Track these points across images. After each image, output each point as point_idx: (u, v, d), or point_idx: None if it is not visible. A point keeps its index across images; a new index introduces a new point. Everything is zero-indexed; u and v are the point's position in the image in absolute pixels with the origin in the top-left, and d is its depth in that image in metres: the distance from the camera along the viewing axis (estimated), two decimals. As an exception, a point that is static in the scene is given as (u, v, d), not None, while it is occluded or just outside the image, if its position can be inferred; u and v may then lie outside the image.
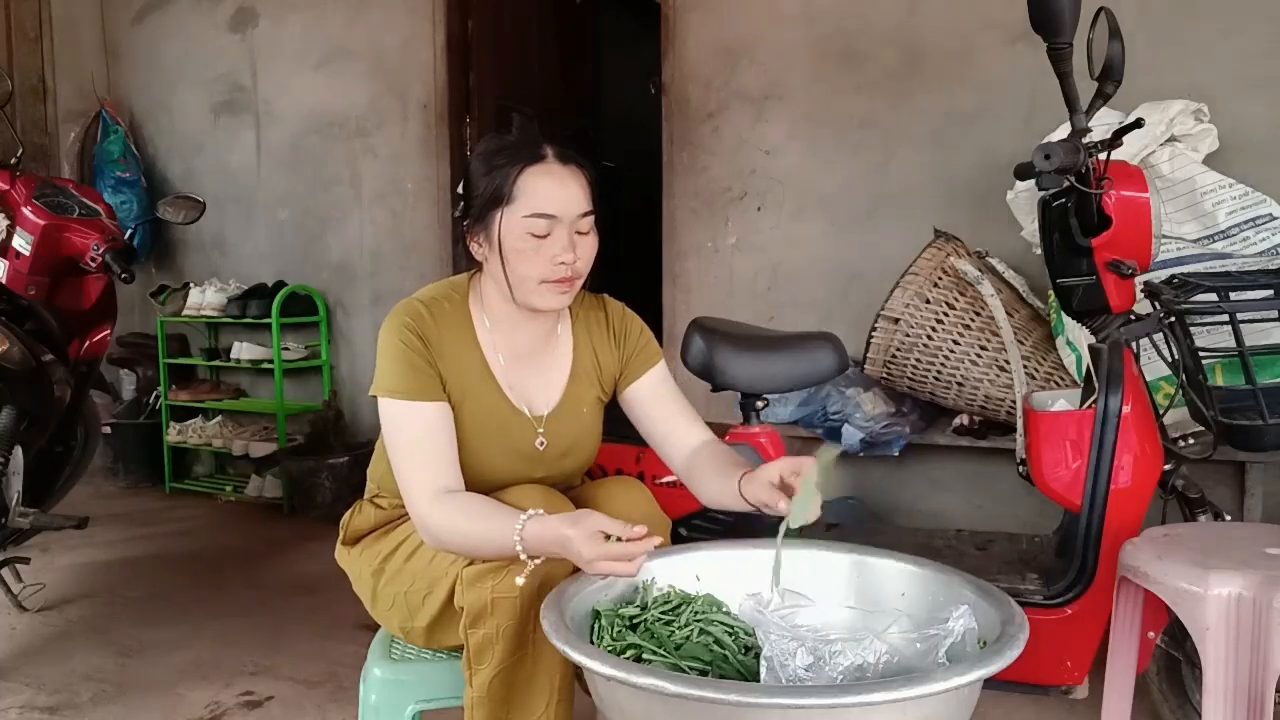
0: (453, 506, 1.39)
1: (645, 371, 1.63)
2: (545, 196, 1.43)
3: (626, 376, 1.63)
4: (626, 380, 1.63)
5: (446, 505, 1.39)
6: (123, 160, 4.58)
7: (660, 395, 1.62)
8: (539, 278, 1.45)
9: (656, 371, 1.64)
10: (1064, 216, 1.84)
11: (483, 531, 1.35)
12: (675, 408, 1.62)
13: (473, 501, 1.40)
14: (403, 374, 1.45)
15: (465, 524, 1.37)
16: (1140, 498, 1.81)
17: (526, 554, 1.32)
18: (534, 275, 1.45)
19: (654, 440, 1.63)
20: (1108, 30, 1.80)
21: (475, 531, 1.36)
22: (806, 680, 1.16)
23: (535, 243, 1.43)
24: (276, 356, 4.07)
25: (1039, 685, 1.89)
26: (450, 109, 3.97)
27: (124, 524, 3.84)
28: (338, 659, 2.49)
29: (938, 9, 3.13)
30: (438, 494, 1.40)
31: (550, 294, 1.47)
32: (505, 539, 1.32)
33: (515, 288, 1.47)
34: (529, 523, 1.31)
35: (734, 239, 3.52)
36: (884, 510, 3.20)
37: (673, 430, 1.60)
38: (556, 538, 1.28)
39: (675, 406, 1.62)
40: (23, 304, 2.63)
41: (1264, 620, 1.37)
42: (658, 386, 1.63)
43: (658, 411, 1.61)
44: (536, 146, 1.46)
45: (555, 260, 1.44)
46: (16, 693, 2.34)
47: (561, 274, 1.45)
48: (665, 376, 1.65)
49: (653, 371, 1.63)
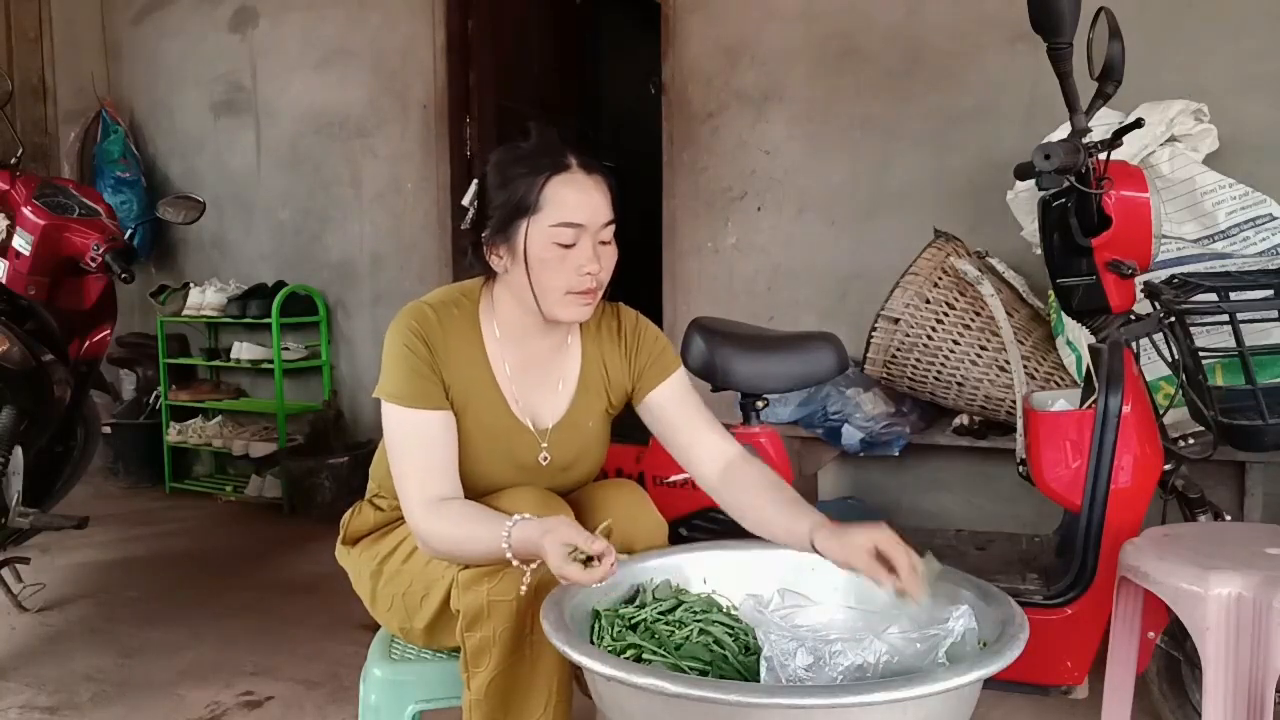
0: (444, 514, 1.38)
1: (662, 380, 1.58)
2: (572, 205, 1.41)
3: (642, 386, 1.58)
4: (643, 390, 1.58)
5: (438, 513, 1.39)
6: (123, 160, 4.58)
7: (679, 404, 1.58)
8: (564, 288, 1.43)
9: (674, 380, 1.59)
10: (1064, 216, 1.84)
11: (471, 537, 1.35)
12: (697, 417, 1.57)
13: (463, 508, 1.39)
14: (405, 380, 1.45)
15: (454, 530, 1.37)
16: (1140, 498, 1.81)
17: (515, 558, 1.31)
18: (559, 286, 1.42)
19: (676, 451, 1.58)
20: (1108, 30, 1.80)
21: (465, 537, 1.36)
22: (806, 680, 1.16)
23: (561, 253, 1.41)
24: (276, 356, 4.07)
25: (1039, 685, 1.89)
26: (450, 109, 3.97)
27: (124, 524, 3.84)
28: (338, 659, 2.49)
29: (938, 9, 3.13)
30: (432, 502, 1.40)
31: (574, 305, 1.45)
32: (494, 544, 1.31)
33: (541, 299, 1.44)
34: (515, 528, 1.30)
35: (734, 239, 3.52)
36: (884, 510, 3.20)
37: (696, 441, 1.55)
38: (534, 543, 1.27)
39: (697, 416, 1.57)
40: (23, 304, 2.63)
41: (1264, 620, 1.37)
42: (676, 395, 1.58)
43: (678, 421, 1.57)
44: (561, 155, 1.43)
45: (581, 270, 1.42)
46: (16, 693, 2.34)
47: (587, 284, 1.43)
48: (685, 386, 1.60)
49: (670, 380, 1.58)
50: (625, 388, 1.61)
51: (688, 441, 1.56)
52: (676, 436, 1.57)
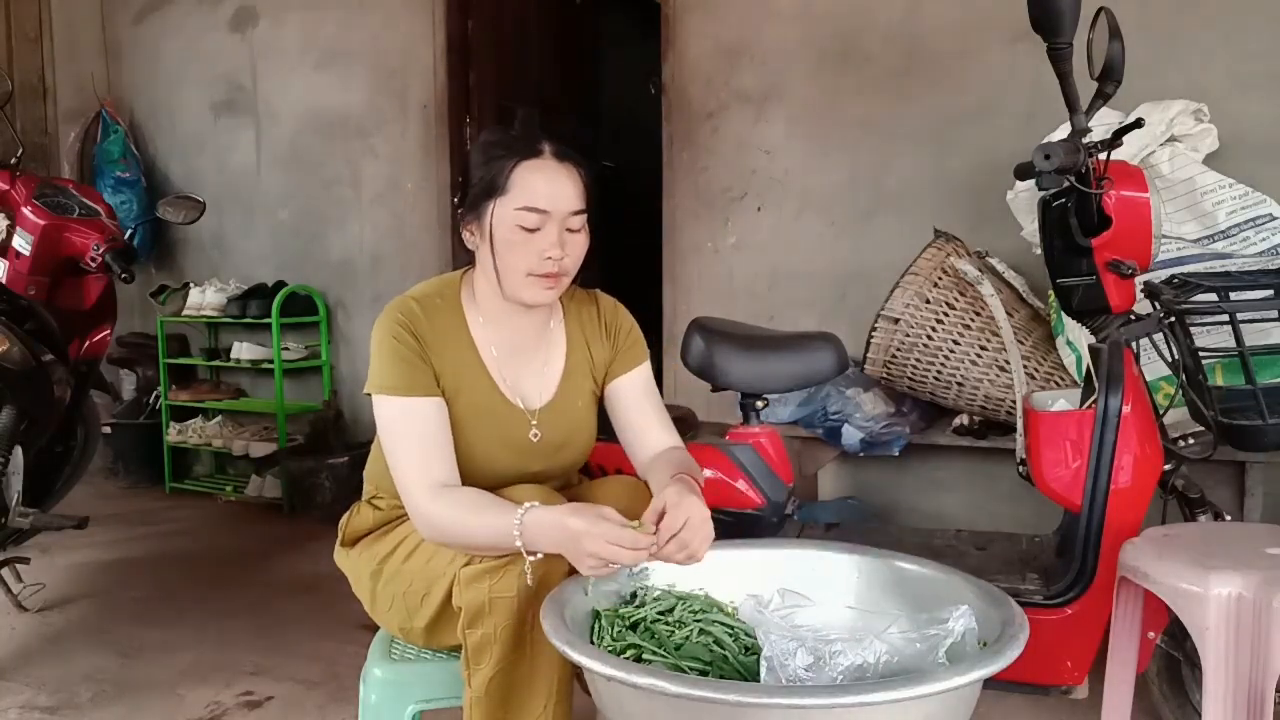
0: (452, 499, 1.39)
1: (629, 370, 1.63)
2: (538, 190, 1.44)
3: (613, 371, 1.63)
4: (612, 374, 1.63)
5: (445, 498, 1.40)
6: (123, 160, 4.58)
7: (638, 396, 1.63)
8: (525, 270, 1.46)
9: (639, 372, 1.64)
10: (1064, 216, 1.84)
11: (481, 524, 1.35)
12: (650, 411, 1.62)
13: (472, 494, 1.41)
14: (396, 370, 1.46)
15: (465, 515, 1.37)
16: (1140, 498, 1.81)
17: (525, 546, 1.32)
18: (521, 268, 1.46)
19: (623, 438, 1.63)
20: (1108, 30, 1.80)
21: (475, 523, 1.36)
22: (806, 680, 1.16)
23: (524, 235, 1.44)
24: (276, 356, 4.07)
25: (1039, 685, 1.89)
26: (450, 109, 3.97)
27: (124, 524, 3.84)
28: (338, 659, 2.49)
29: (938, 9, 3.13)
30: (435, 487, 1.41)
31: (536, 288, 1.47)
32: (505, 530, 1.32)
33: (503, 279, 1.48)
34: (528, 514, 1.31)
35: (734, 239, 3.52)
36: (884, 510, 3.20)
37: (643, 432, 1.60)
38: (557, 527, 1.28)
39: (651, 410, 1.62)
40: (23, 304, 2.63)
41: (1264, 620, 1.37)
42: (638, 387, 1.63)
43: (635, 410, 1.62)
44: (535, 141, 1.47)
45: (543, 255, 1.45)
46: (16, 693, 2.34)
47: (548, 269, 1.46)
48: (647, 379, 1.65)
49: (636, 371, 1.63)
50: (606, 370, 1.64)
51: (636, 432, 1.61)
52: (628, 424, 1.62)
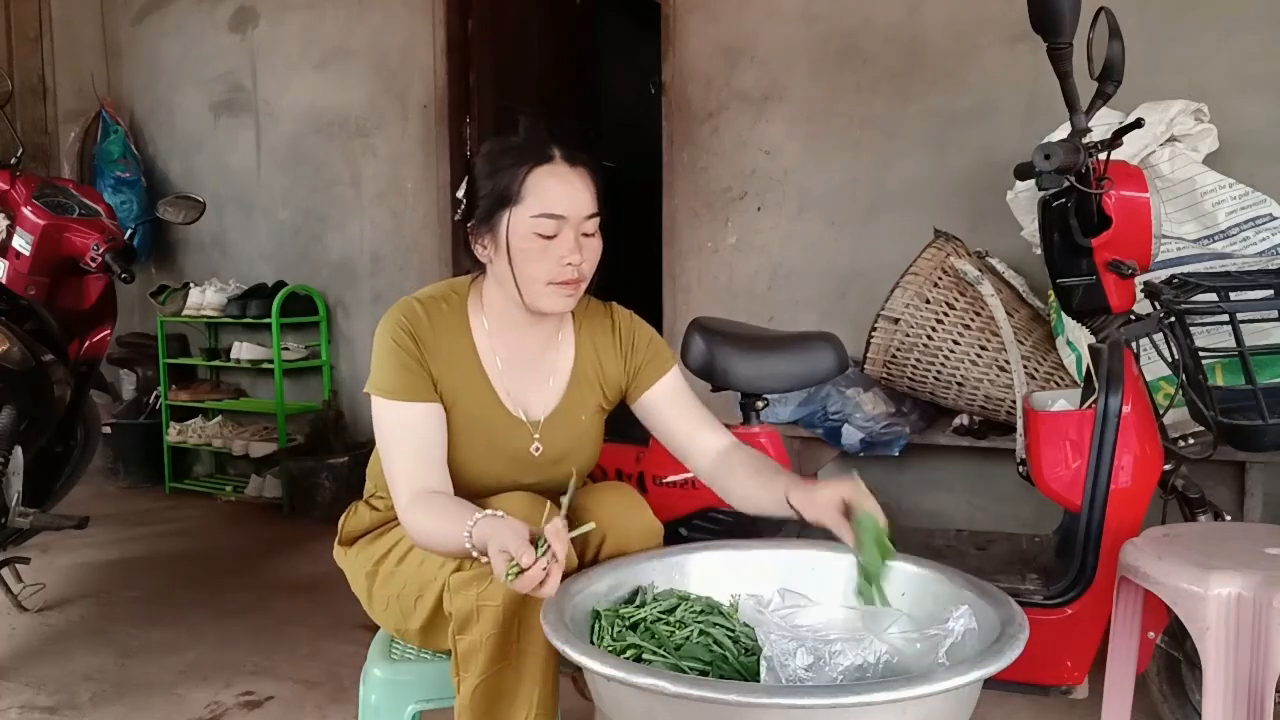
0: (424, 505, 1.39)
1: (658, 379, 1.61)
2: (553, 197, 1.42)
3: (638, 385, 1.61)
4: (639, 389, 1.61)
5: (419, 504, 1.39)
6: (123, 160, 4.58)
7: (675, 401, 1.61)
8: (546, 279, 1.44)
9: (670, 378, 1.62)
10: (1064, 216, 1.84)
11: (442, 530, 1.34)
12: (693, 413, 1.60)
13: (441, 501, 1.40)
14: (394, 374, 1.46)
15: (428, 523, 1.37)
16: (1140, 498, 1.81)
17: (476, 550, 1.28)
18: (541, 276, 1.44)
19: (675, 446, 1.61)
20: (1108, 30, 1.80)
21: (435, 530, 1.36)
22: (806, 680, 1.16)
23: (542, 243, 1.43)
24: (276, 356, 4.07)
25: (1039, 685, 1.89)
26: (450, 109, 3.97)
27: (124, 524, 3.84)
28: (338, 659, 2.49)
29: (938, 9, 3.13)
30: (417, 494, 1.40)
31: (557, 295, 1.46)
32: (458, 539, 1.29)
33: (523, 289, 1.46)
34: (476, 526, 1.28)
35: (734, 239, 3.52)
36: (884, 510, 3.19)
37: (693, 436, 1.59)
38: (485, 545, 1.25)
39: (693, 412, 1.61)
40: (23, 304, 2.63)
41: (1264, 620, 1.36)
42: (672, 393, 1.61)
43: (675, 417, 1.60)
44: (545, 147, 1.45)
45: (562, 261, 1.43)
46: (16, 693, 2.34)
47: (568, 275, 1.44)
48: (680, 382, 1.63)
49: (666, 378, 1.61)
50: (620, 385, 1.62)
51: (686, 438, 1.60)
52: (674, 433, 1.61)
